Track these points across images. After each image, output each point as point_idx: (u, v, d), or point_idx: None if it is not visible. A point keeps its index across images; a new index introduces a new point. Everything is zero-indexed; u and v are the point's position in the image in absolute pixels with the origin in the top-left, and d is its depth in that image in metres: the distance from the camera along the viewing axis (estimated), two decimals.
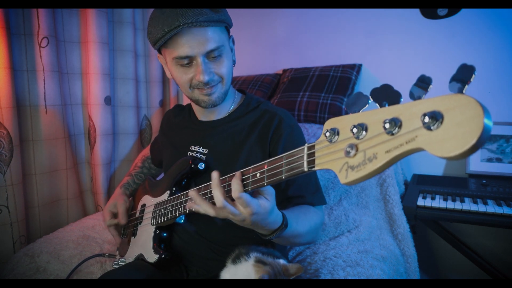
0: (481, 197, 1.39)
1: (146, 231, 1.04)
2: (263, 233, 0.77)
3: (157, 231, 1.01)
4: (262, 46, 2.29)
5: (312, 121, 1.80)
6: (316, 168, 0.54)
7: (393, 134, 0.42)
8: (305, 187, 0.96)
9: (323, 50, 2.07)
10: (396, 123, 0.42)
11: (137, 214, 1.13)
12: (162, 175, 1.18)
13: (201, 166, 0.97)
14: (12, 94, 1.38)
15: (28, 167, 1.53)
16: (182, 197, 0.90)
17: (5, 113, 1.37)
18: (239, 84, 2.13)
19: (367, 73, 1.95)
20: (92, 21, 1.67)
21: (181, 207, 0.89)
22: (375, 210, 1.45)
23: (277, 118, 0.99)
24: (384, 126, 0.43)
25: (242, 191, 0.67)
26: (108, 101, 1.77)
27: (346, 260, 1.09)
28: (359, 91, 0.51)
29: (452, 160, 0.37)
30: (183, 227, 1.00)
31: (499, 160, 1.58)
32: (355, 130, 0.46)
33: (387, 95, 0.46)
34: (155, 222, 1.00)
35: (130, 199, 1.23)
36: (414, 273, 1.26)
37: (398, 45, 1.86)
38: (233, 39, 1.00)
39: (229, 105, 1.05)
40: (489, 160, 1.60)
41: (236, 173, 0.70)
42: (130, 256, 1.07)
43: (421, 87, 0.42)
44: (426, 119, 0.38)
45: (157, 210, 1.01)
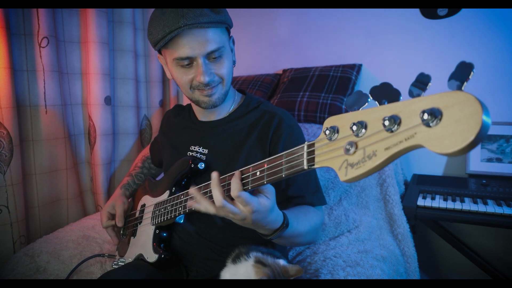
0: (481, 197, 1.38)
1: (146, 231, 1.04)
2: (265, 233, 0.77)
3: (157, 231, 1.01)
4: (262, 46, 2.29)
5: (312, 121, 1.80)
6: (316, 166, 0.54)
7: (392, 131, 0.42)
8: (305, 187, 0.96)
9: (323, 50, 2.07)
10: (395, 120, 0.42)
11: (137, 214, 1.13)
12: (162, 175, 1.18)
13: (201, 166, 0.97)
14: (12, 94, 1.39)
15: (28, 167, 1.54)
16: (182, 196, 0.90)
17: (5, 113, 1.37)
18: (239, 84, 2.12)
19: (367, 73, 1.95)
20: (92, 21, 1.67)
21: (181, 206, 0.89)
22: (375, 210, 1.45)
23: (277, 118, 0.99)
24: (383, 124, 0.43)
25: (241, 190, 0.67)
26: (108, 101, 1.77)
27: (346, 260, 1.09)
28: (358, 89, 0.51)
29: (451, 156, 0.37)
30: (183, 227, 1.00)
31: (499, 160, 1.58)
32: (354, 128, 0.47)
33: (386, 93, 0.46)
34: (155, 222, 1.00)
35: (129, 200, 1.22)
36: (414, 273, 1.26)
37: (398, 45, 1.86)
38: (233, 39, 1.00)
39: (229, 105, 1.05)
40: (489, 160, 1.60)
41: (236, 172, 0.70)
42: (130, 256, 1.07)
43: (419, 86, 0.43)
44: (425, 116, 0.39)
45: (157, 210, 1.01)
